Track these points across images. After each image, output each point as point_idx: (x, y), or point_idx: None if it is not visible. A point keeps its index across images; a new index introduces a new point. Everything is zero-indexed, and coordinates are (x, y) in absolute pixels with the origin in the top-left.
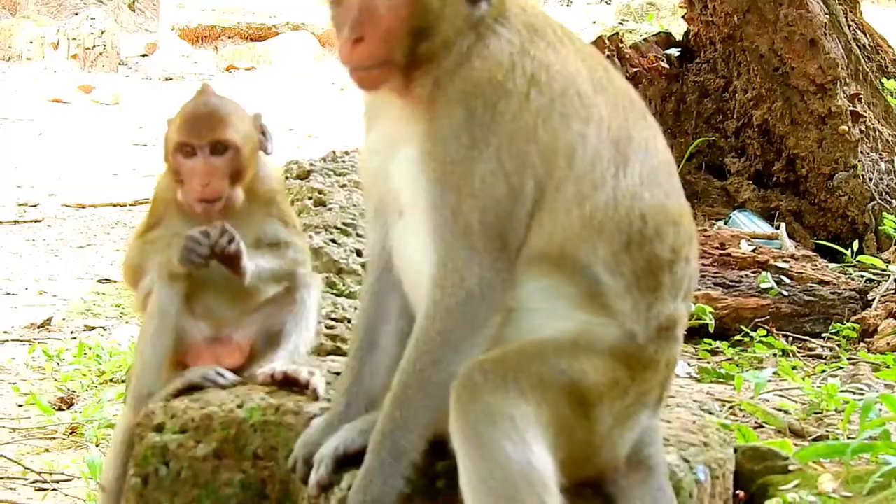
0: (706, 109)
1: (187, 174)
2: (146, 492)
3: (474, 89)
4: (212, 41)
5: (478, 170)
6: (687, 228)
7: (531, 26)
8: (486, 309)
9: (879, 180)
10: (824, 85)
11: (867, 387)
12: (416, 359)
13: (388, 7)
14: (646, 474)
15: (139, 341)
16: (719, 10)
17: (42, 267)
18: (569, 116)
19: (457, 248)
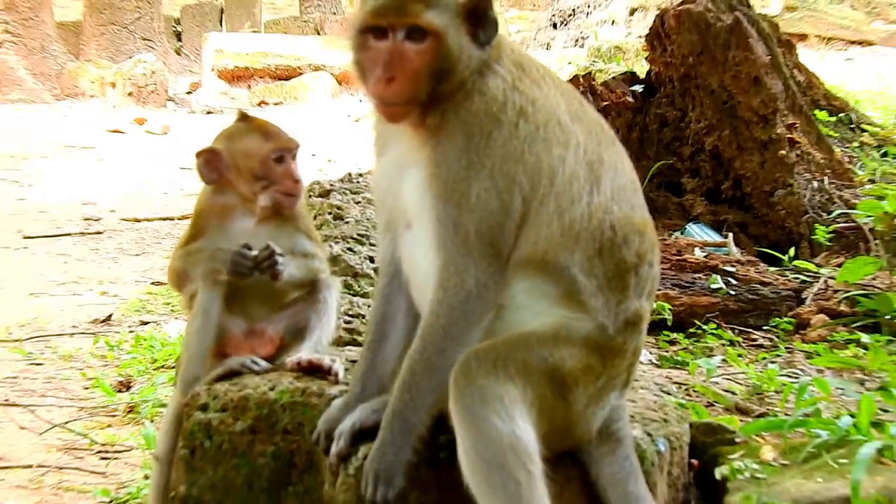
0: (665, 137)
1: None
2: (193, 461)
3: (473, 119)
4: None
5: (474, 188)
6: (650, 237)
7: (519, 65)
8: (482, 307)
9: (812, 197)
10: (766, 116)
11: (801, 371)
12: (423, 349)
13: (416, 52)
14: (615, 445)
15: (186, 335)
16: (676, 53)
17: (104, 272)
18: (550, 142)
19: (457, 254)
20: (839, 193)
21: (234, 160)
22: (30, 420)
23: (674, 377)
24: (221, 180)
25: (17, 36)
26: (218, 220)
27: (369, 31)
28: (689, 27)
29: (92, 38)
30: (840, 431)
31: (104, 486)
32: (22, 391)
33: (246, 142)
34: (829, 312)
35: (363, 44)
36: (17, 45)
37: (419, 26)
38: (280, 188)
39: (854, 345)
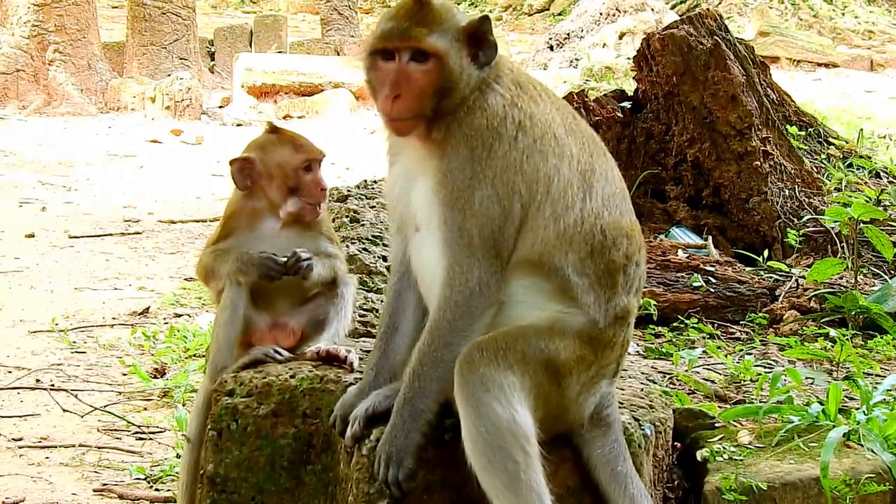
0: (651, 149)
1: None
2: (221, 442)
3: (475, 133)
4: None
5: (477, 195)
6: (637, 240)
7: (518, 83)
8: (485, 303)
9: (784, 203)
10: (742, 130)
11: (775, 362)
12: (430, 342)
13: (419, 73)
14: (605, 429)
15: (215, 327)
16: (661, 73)
17: (142, 269)
18: (547, 153)
19: (462, 255)
20: (809, 200)
21: (266, 168)
22: (73, 403)
23: (659, 367)
24: (253, 186)
25: (67, 55)
26: (247, 223)
27: (378, 54)
28: (672, 50)
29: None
30: (810, 417)
31: (140, 465)
32: (66, 377)
33: (278, 152)
34: (799, 309)
35: (373, 65)
36: (67, 64)
37: (422, 49)
38: (307, 195)
39: (823, 338)
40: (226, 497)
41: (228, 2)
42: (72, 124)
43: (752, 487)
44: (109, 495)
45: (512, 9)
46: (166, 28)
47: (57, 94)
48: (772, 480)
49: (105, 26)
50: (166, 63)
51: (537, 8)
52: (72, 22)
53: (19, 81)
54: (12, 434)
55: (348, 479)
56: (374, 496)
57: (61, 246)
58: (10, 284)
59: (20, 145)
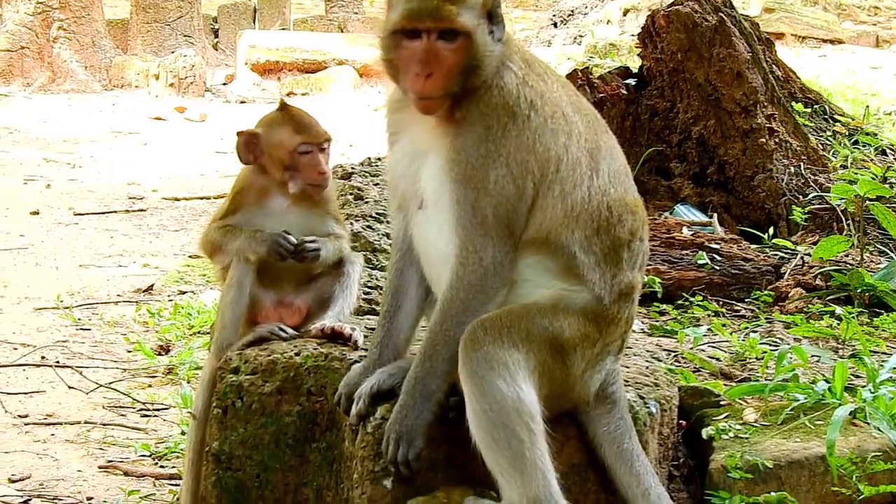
0: (656, 126)
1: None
2: (226, 419)
3: (492, 112)
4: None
5: (492, 174)
6: (641, 216)
7: (527, 61)
8: (498, 282)
9: (789, 181)
10: (747, 107)
11: (780, 340)
12: (442, 321)
13: (449, 51)
14: (610, 406)
15: (220, 305)
16: (666, 49)
17: (146, 246)
18: (557, 132)
19: (475, 234)
20: (814, 178)
21: (267, 147)
22: (78, 380)
23: (664, 345)
24: (258, 162)
25: (71, 32)
26: (255, 199)
27: (403, 33)
28: (677, 27)
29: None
30: (816, 395)
31: (145, 441)
32: (71, 354)
33: (278, 132)
34: (805, 286)
35: (397, 44)
36: (71, 41)
37: (453, 29)
38: (305, 178)
39: (828, 316)
40: (230, 474)
41: None
42: (76, 101)
43: (757, 465)
44: (114, 472)
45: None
46: (170, 5)
47: (61, 71)
48: (777, 458)
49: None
50: (170, 40)
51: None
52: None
53: (24, 59)
54: (18, 411)
55: (353, 457)
56: (378, 474)
57: (66, 223)
58: (14, 262)
59: (25, 122)
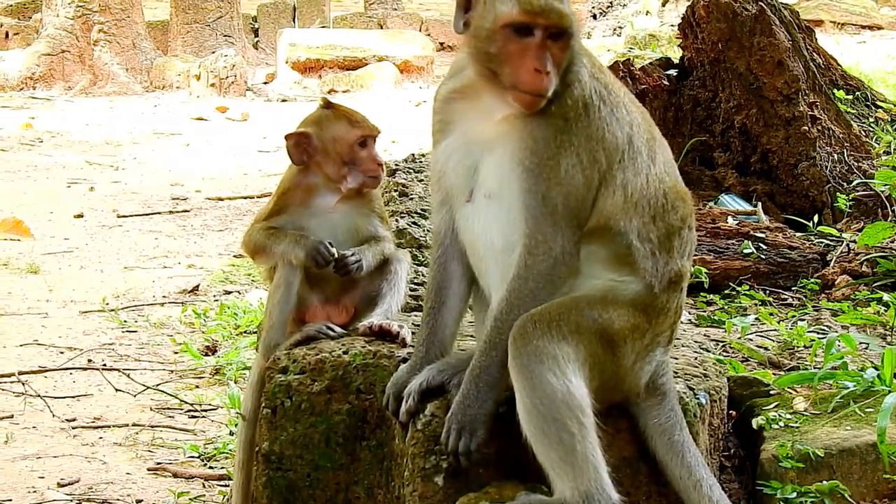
0: (698, 116)
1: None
2: (275, 420)
3: (572, 104)
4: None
5: (563, 164)
6: (689, 204)
7: (589, 55)
8: (567, 272)
9: (833, 168)
10: (789, 95)
11: (828, 328)
12: (509, 310)
13: (558, 49)
14: (661, 398)
15: (268, 305)
16: (707, 40)
17: (191, 246)
18: (622, 122)
19: (545, 224)
20: (857, 164)
21: (322, 144)
22: (125, 383)
23: (712, 335)
24: (308, 162)
25: (111, 35)
26: (301, 199)
27: (514, 28)
28: (717, 16)
29: (178, 35)
30: (865, 383)
31: (193, 443)
32: (118, 356)
33: (334, 127)
34: (851, 273)
35: (506, 38)
36: (112, 44)
37: (565, 28)
38: (365, 171)
39: (875, 303)
40: (281, 474)
41: None
42: (118, 104)
43: (808, 454)
44: (163, 474)
45: None
46: (210, 5)
47: (102, 73)
48: (828, 447)
49: (149, 5)
50: (210, 40)
51: None
52: (116, 2)
53: (65, 62)
54: (66, 415)
55: (403, 454)
56: (429, 471)
57: (110, 225)
58: (60, 265)
59: (67, 126)
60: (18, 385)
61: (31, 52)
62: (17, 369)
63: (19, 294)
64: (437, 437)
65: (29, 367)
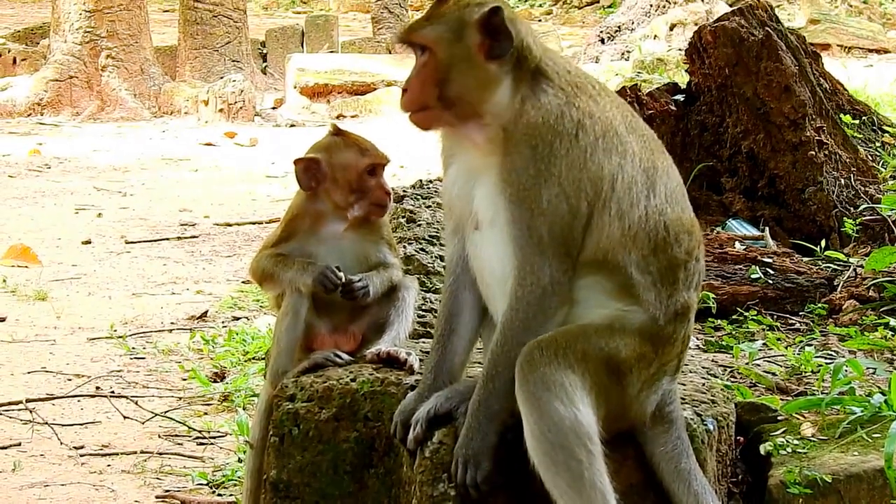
0: (706, 141)
1: None
2: (283, 447)
3: (533, 132)
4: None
5: (545, 194)
6: (697, 235)
7: (575, 84)
8: (557, 301)
9: (840, 193)
10: (796, 120)
11: (835, 353)
12: (504, 342)
13: (420, 64)
14: (668, 426)
15: (276, 332)
16: (714, 65)
17: (199, 272)
18: (610, 152)
19: (532, 255)
20: (864, 189)
21: (331, 171)
22: (133, 410)
23: (719, 361)
24: (317, 188)
25: (119, 61)
26: (310, 226)
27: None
28: (724, 42)
29: (186, 60)
30: (873, 408)
31: (202, 470)
32: (126, 383)
33: (344, 155)
34: (858, 298)
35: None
36: (120, 69)
37: (414, 41)
38: (373, 199)
39: (883, 327)
40: (289, 502)
41: (279, 3)
42: (126, 129)
43: (816, 480)
44: (172, 501)
45: (562, 2)
46: (218, 31)
47: (110, 99)
48: (836, 473)
49: (157, 30)
50: (219, 66)
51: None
52: (124, 27)
53: (73, 88)
54: (73, 442)
55: (411, 482)
56: (437, 498)
57: (118, 252)
58: (67, 292)
59: (75, 152)
60: (26, 412)
61: (39, 77)
62: (24, 396)
63: (27, 321)
64: (445, 465)
65: (37, 394)
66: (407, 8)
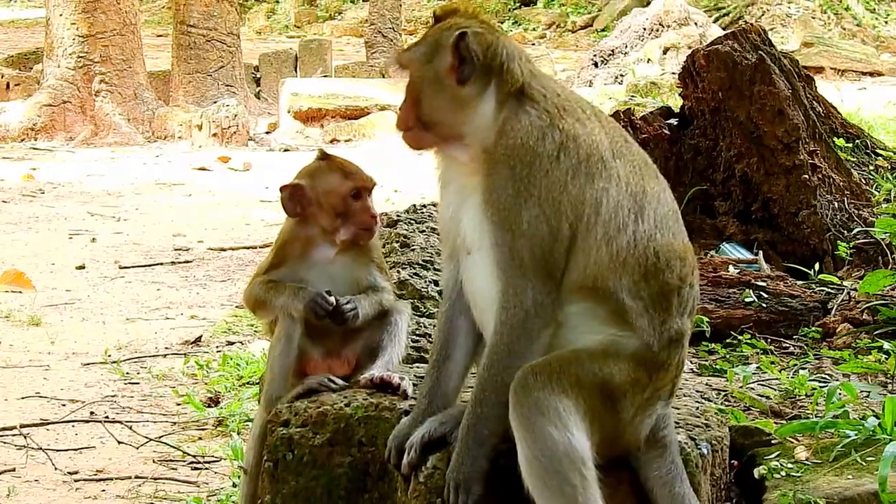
0: (699, 165)
1: None
2: (277, 473)
3: (512, 153)
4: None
5: (525, 215)
6: (690, 261)
7: (561, 107)
8: (541, 324)
9: (833, 216)
10: (789, 144)
11: (829, 377)
12: (490, 366)
13: (409, 89)
14: (662, 451)
15: (270, 357)
16: (707, 88)
17: (194, 297)
18: (593, 175)
19: (514, 277)
20: (858, 212)
21: (316, 196)
22: (128, 435)
23: (713, 384)
24: (304, 213)
25: (113, 85)
26: (300, 250)
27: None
28: (717, 65)
29: (180, 85)
30: (867, 431)
31: (196, 495)
32: (120, 408)
33: (327, 179)
34: (852, 321)
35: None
36: (113, 94)
37: (399, 63)
38: (358, 222)
39: (877, 351)
40: None
41: (273, 27)
42: (119, 154)
43: (810, 503)
44: None
45: (556, 26)
46: (211, 55)
47: (104, 124)
48: (830, 496)
49: (150, 55)
50: (212, 90)
51: (581, 25)
52: (117, 52)
53: (66, 113)
54: (68, 467)
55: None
56: None
57: (112, 277)
58: (62, 317)
59: (68, 177)
60: (20, 438)
61: (32, 102)
62: (18, 422)
63: (21, 346)
64: (440, 490)
65: (31, 419)
66: (400, 32)
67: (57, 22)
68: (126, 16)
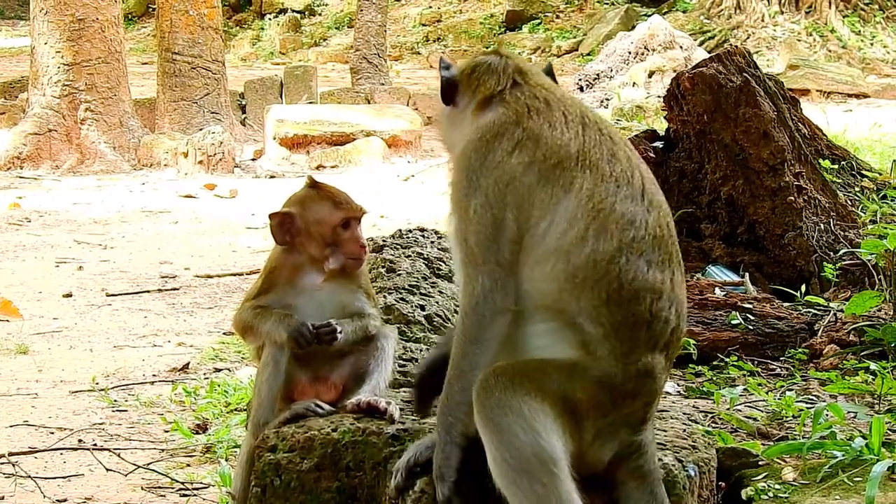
0: (685, 187)
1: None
2: (265, 498)
3: (471, 146)
4: (304, 147)
5: (472, 204)
6: (669, 295)
7: (536, 109)
8: (490, 310)
9: (819, 237)
10: (775, 166)
11: (816, 398)
12: (453, 355)
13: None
14: (639, 482)
15: (257, 383)
16: (692, 112)
17: (181, 324)
18: (548, 178)
19: (466, 265)
20: (844, 234)
21: (305, 225)
22: (115, 462)
23: (700, 406)
24: (292, 241)
25: (98, 113)
26: (288, 278)
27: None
28: (702, 88)
29: (165, 113)
30: (854, 452)
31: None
32: (108, 436)
33: (317, 209)
34: (839, 342)
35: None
36: (99, 122)
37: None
38: (347, 252)
39: (863, 371)
40: None
41: (258, 54)
42: (105, 182)
43: None
44: None
45: (541, 51)
46: (197, 83)
47: (90, 152)
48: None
49: (135, 83)
50: (198, 118)
51: (566, 49)
52: (102, 80)
53: (52, 141)
54: (56, 495)
55: None
56: None
57: (99, 304)
58: (49, 345)
59: (55, 205)
60: (9, 466)
61: (18, 131)
62: (7, 450)
63: (8, 375)
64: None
65: (19, 447)
66: (385, 58)
67: (42, 50)
68: (111, 44)
